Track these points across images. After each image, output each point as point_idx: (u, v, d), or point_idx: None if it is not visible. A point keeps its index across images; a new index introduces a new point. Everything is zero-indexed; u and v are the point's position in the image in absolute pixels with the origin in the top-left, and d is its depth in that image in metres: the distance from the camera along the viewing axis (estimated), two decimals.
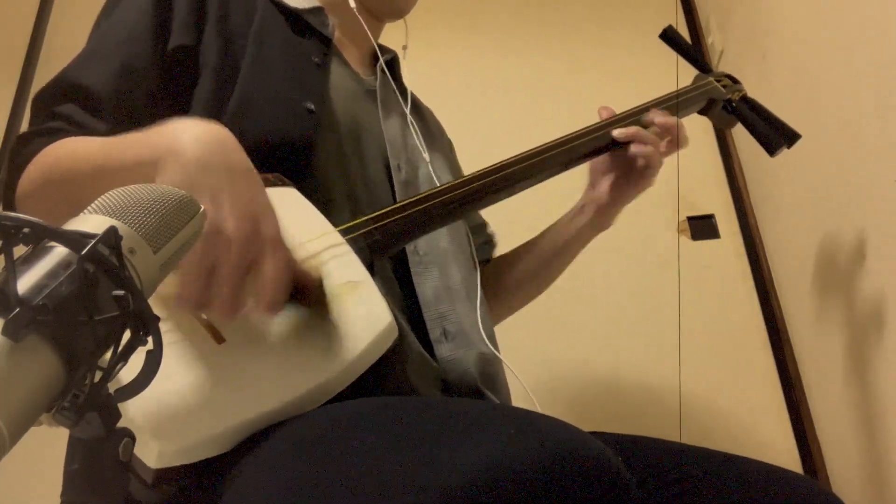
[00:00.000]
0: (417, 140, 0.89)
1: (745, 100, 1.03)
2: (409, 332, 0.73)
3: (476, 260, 0.90)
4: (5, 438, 0.29)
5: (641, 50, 1.59)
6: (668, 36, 1.06)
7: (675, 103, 0.96)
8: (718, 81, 1.03)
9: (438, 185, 0.82)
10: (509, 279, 1.01)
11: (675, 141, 0.92)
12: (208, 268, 0.53)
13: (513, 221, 1.14)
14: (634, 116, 0.93)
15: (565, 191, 1.09)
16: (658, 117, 0.91)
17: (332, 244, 0.66)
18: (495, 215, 1.10)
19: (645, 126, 0.91)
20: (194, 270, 0.52)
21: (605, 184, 0.93)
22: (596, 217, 0.95)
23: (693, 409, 1.29)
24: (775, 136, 0.98)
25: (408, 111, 0.91)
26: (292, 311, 0.59)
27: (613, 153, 0.93)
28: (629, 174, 0.91)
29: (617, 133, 0.89)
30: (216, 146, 0.57)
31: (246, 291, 0.54)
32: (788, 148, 0.98)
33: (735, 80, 1.06)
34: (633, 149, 0.89)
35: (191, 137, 0.57)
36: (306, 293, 0.59)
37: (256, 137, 0.60)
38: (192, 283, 0.52)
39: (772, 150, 0.98)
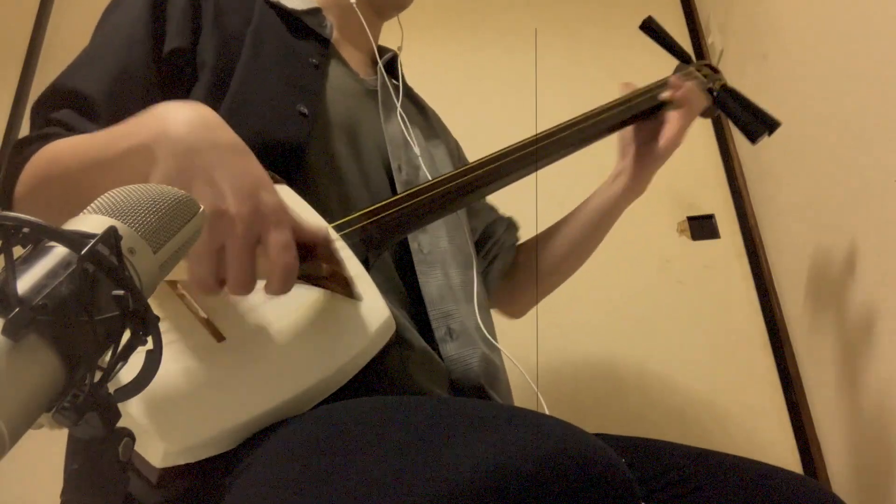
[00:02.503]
0: (406, 133, 0.88)
1: (726, 89, 1.04)
2: (411, 330, 0.73)
3: (476, 259, 0.90)
4: (5, 438, 0.29)
5: (642, 50, 1.59)
6: (648, 27, 1.06)
7: (657, 93, 0.98)
8: (699, 71, 1.04)
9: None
10: (550, 255, 1.03)
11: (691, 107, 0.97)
12: (217, 249, 0.53)
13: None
14: (648, 94, 0.97)
15: (567, 186, 1.09)
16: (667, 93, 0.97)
17: None
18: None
19: (663, 102, 0.97)
20: (204, 254, 0.53)
21: (632, 152, 0.98)
22: (629, 184, 0.98)
23: (693, 409, 1.29)
24: (756, 123, 0.99)
25: (398, 105, 0.90)
26: (304, 289, 0.59)
27: (638, 124, 0.97)
28: (654, 141, 0.95)
29: (664, 95, 0.96)
30: (200, 125, 0.57)
31: (258, 265, 0.55)
32: (769, 135, 0.99)
33: (715, 70, 1.07)
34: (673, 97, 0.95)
35: (174, 122, 0.57)
36: (316, 255, 0.59)
37: (248, 139, 0.60)
38: (204, 267, 0.53)
39: (753, 137, 0.99)
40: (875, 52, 0.96)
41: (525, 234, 1.09)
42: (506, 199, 1.03)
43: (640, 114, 0.96)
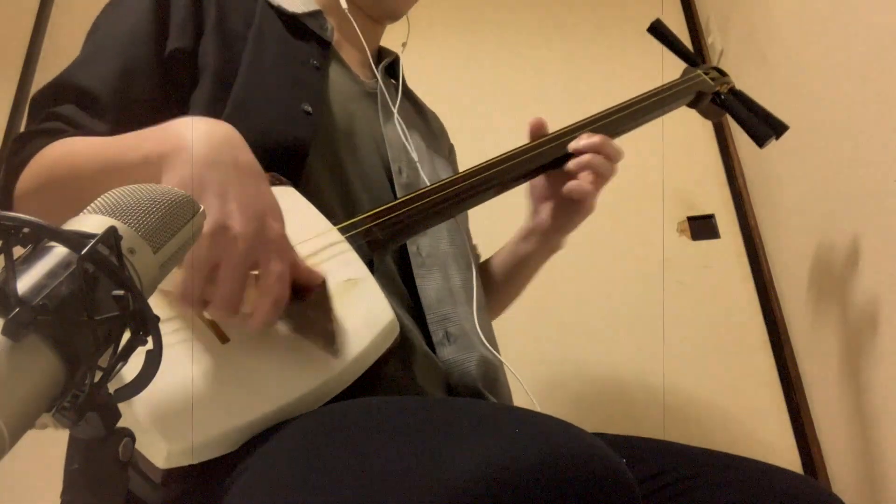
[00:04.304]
0: (404, 137, 0.87)
1: (734, 92, 1.03)
2: (414, 332, 0.73)
3: (476, 262, 0.90)
4: (5, 438, 0.29)
5: (641, 50, 1.59)
6: (656, 29, 1.06)
7: (665, 97, 0.97)
8: (706, 74, 1.03)
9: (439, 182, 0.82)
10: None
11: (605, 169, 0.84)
12: (212, 264, 0.53)
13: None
14: (568, 136, 0.87)
15: None
16: (583, 141, 0.84)
17: (331, 242, 0.66)
18: (489, 218, 1.10)
19: (573, 154, 0.85)
20: (198, 266, 0.52)
21: (546, 210, 0.90)
22: (542, 243, 0.93)
23: (693, 409, 1.29)
24: (764, 127, 0.99)
25: (395, 110, 0.90)
26: (294, 312, 0.59)
27: (549, 176, 0.89)
28: (570, 199, 0.86)
29: (572, 145, 0.84)
30: (223, 143, 0.57)
31: (248, 291, 0.54)
32: (777, 139, 0.99)
33: (723, 73, 1.06)
34: (572, 165, 0.84)
35: (198, 134, 0.57)
36: (309, 294, 0.59)
37: (252, 139, 0.60)
38: (195, 279, 0.53)
39: (761, 141, 0.99)
40: (875, 53, 0.96)
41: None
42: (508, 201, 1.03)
43: (549, 163, 0.85)
